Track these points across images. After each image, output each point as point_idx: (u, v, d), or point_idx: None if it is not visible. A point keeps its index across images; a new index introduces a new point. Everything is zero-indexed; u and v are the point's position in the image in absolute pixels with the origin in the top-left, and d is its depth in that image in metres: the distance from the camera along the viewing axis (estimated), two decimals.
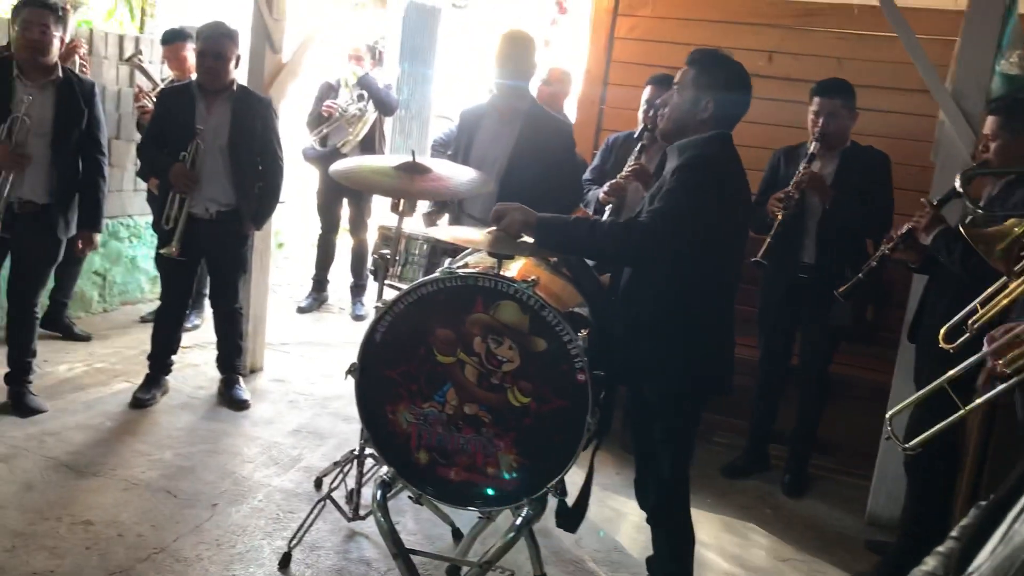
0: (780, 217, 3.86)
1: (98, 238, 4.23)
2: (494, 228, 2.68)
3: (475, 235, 2.89)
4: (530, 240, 2.67)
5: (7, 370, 4.15)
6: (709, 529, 3.78)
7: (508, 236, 2.65)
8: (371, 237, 6.21)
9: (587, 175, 4.31)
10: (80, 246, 4.15)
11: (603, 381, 2.66)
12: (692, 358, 2.67)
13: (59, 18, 3.88)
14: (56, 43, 3.86)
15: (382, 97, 6.01)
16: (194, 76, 5.24)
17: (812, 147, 3.93)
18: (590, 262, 2.98)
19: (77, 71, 4.40)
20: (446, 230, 3.33)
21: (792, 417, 4.31)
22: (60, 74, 3.88)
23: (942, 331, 2.68)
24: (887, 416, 2.84)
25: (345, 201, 6.27)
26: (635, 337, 2.71)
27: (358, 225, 6.31)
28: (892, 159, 4.04)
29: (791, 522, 3.97)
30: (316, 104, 6.11)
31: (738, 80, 2.69)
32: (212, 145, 4.18)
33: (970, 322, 2.57)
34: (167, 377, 4.53)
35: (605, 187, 3.93)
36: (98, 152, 4.06)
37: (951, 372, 2.48)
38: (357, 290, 6.43)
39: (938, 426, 2.53)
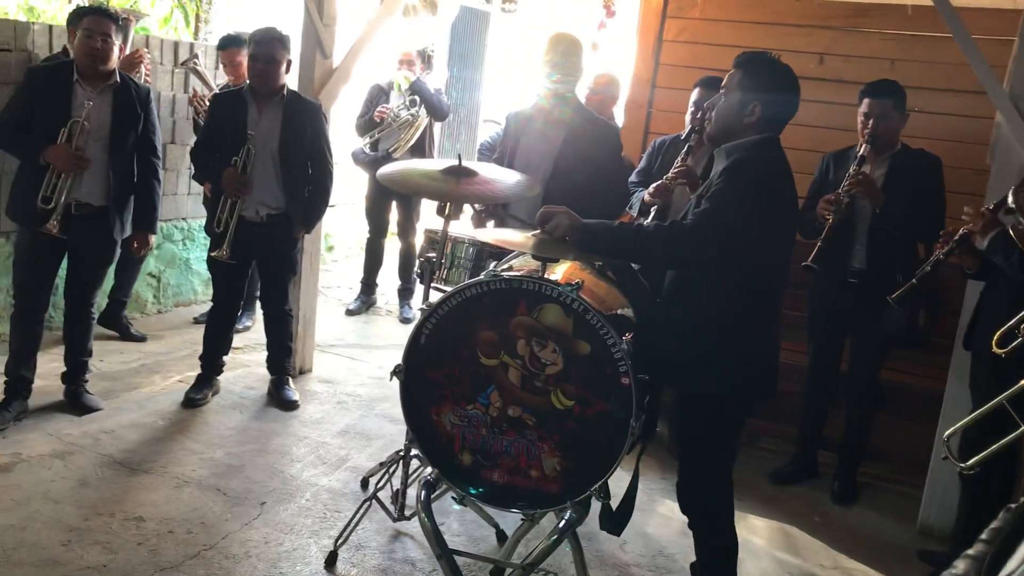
0: (830, 221, 3.81)
1: (153, 239, 4.31)
2: (539, 231, 2.68)
3: (520, 238, 2.90)
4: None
5: (64, 369, 4.25)
6: (756, 536, 3.74)
7: (553, 239, 2.66)
8: (419, 241, 6.27)
9: (633, 177, 4.30)
10: (135, 246, 4.24)
11: (648, 385, 2.66)
12: (735, 360, 2.65)
13: (119, 27, 3.99)
14: (116, 51, 3.96)
15: (435, 103, 6.05)
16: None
17: (862, 149, 3.87)
18: (635, 265, 2.97)
19: (141, 81, 4.50)
20: (491, 233, 3.34)
21: (841, 423, 4.24)
22: (118, 79, 3.97)
23: (996, 336, 2.63)
24: (943, 436, 2.78)
25: (394, 205, 6.33)
26: (678, 338, 2.70)
27: (406, 229, 6.36)
28: (946, 162, 3.97)
29: (840, 530, 3.91)
30: (366, 107, 6.17)
31: (786, 82, 2.67)
32: (263, 149, 4.25)
33: (1023, 327, 2.52)
34: (218, 377, 4.61)
35: (651, 188, 3.92)
36: (153, 156, 4.15)
37: (1010, 391, 2.43)
38: (405, 293, 6.49)
39: (997, 445, 2.48)
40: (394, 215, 6.42)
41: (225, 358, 4.62)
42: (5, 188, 4.62)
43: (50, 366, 4.35)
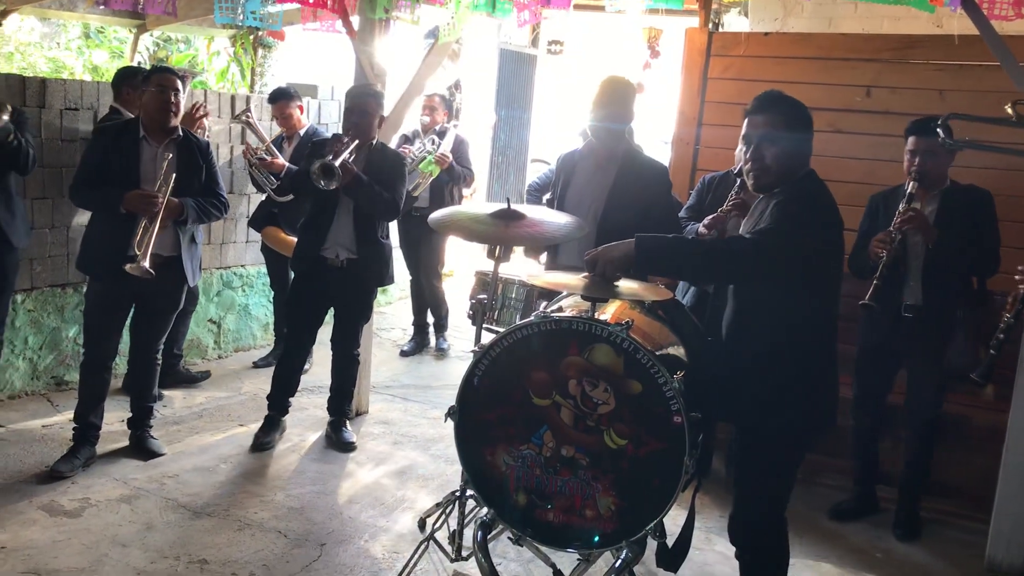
0: (884, 259, 3.79)
1: (175, 206, 4.03)
2: (589, 275, 2.71)
3: (571, 279, 2.95)
4: (623, 283, 2.69)
5: (130, 414, 4.38)
6: (816, 573, 3.69)
7: (603, 279, 2.68)
8: (460, 281, 6.34)
9: (682, 213, 4.33)
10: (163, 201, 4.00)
11: (700, 423, 2.66)
12: (799, 397, 2.65)
13: (184, 83, 4.16)
14: (182, 105, 4.13)
15: (456, 174, 6.20)
16: (302, 132, 5.55)
17: (910, 187, 3.85)
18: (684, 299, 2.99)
19: (205, 135, 4.65)
20: (542, 275, 3.39)
21: (901, 458, 4.18)
22: (180, 133, 4.13)
23: None
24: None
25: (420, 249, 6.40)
26: (741, 377, 2.70)
27: (430, 273, 6.44)
28: (998, 192, 3.93)
29: (903, 567, 3.83)
30: None
31: (809, 118, 2.71)
32: (345, 199, 4.38)
33: None
34: (284, 418, 4.72)
35: (706, 220, 3.94)
36: (217, 198, 4.27)
37: None
38: (439, 327, 6.63)
39: None
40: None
41: (291, 399, 4.72)
42: (75, 243, 4.81)
43: (114, 412, 4.47)
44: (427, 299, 6.54)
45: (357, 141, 4.31)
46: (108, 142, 4.07)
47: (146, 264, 3.82)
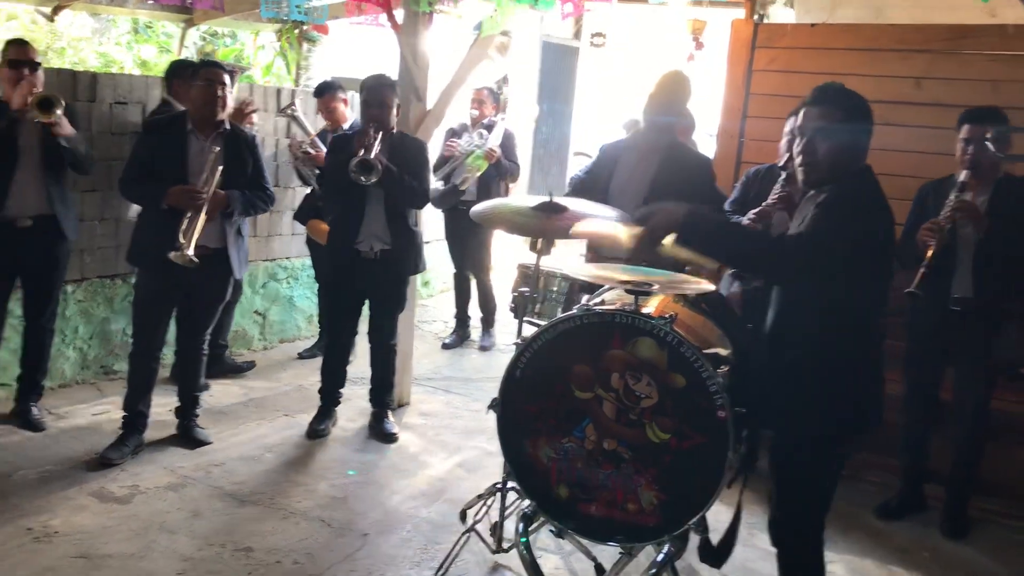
0: (933, 247, 3.72)
1: (221, 198, 4.08)
2: (638, 229, 2.66)
3: (613, 272, 2.93)
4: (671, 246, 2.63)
5: (177, 404, 4.46)
6: (859, 571, 3.64)
7: (651, 238, 2.61)
8: (502, 275, 6.35)
9: (726, 206, 4.29)
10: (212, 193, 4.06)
11: (745, 418, 2.64)
12: (843, 399, 2.59)
13: (232, 78, 4.20)
14: (230, 100, 4.17)
15: (504, 169, 6.21)
16: (346, 125, 5.56)
17: (963, 176, 3.78)
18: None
19: (252, 130, 4.71)
20: (584, 267, 3.38)
21: (949, 456, 4.10)
22: (227, 127, 4.18)
23: None
24: None
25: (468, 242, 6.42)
26: (784, 379, 2.64)
27: (478, 267, 6.46)
28: None
29: (951, 567, 3.77)
30: (443, 150, 6.32)
31: (868, 109, 2.63)
32: (375, 191, 4.39)
33: None
34: (336, 408, 4.78)
35: (751, 214, 3.90)
36: (264, 191, 4.33)
37: None
38: (486, 323, 6.64)
39: None
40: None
41: (342, 390, 4.77)
42: (123, 235, 4.89)
43: (162, 401, 4.55)
44: (476, 294, 6.55)
45: (381, 132, 4.32)
46: (156, 136, 4.13)
47: (190, 253, 3.88)
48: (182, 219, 3.96)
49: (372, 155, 4.14)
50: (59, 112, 3.98)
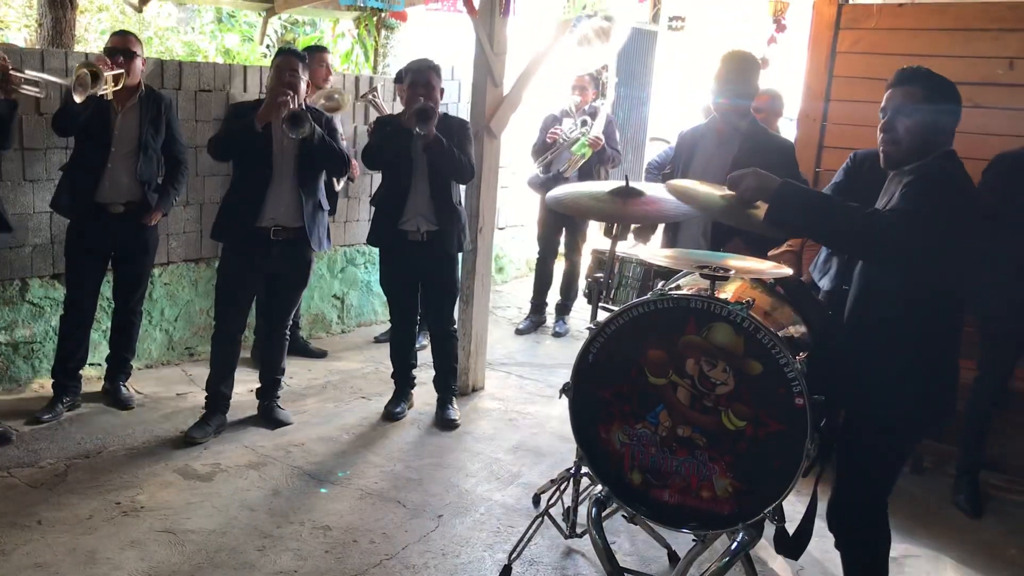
0: None
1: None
2: (729, 193, 2.65)
3: (690, 257, 2.90)
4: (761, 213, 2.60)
5: (258, 385, 4.57)
6: (934, 567, 3.53)
7: (742, 202, 2.62)
8: (586, 261, 6.33)
9: (826, 190, 4.15)
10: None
11: (823, 406, 2.59)
12: (917, 386, 2.54)
13: (306, 65, 4.26)
14: (303, 85, 4.22)
15: (607, 156, 6.22)
16: None
17: None
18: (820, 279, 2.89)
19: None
20: (660, 252, 3.35)
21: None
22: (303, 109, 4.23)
23: None
24: None
25: (563, 226, 6.42)
26: (861, 364, 2.61)
27: (572, 249, 6.47)
28: None
29: None
30: (541, 135, 6.33)
31: (956, 92, 2.55)
32: (421, 168, 4.42)
33: None
34: (412, 391, 4.84)
35: None
36: (339, 147, 4.35)
37: None
38: (562, 309, 6.63)
39: None
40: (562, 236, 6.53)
41: (415, 372, 4.83)
42: (207, 219, 5.03)
43: (243, 382, 4.67)
44: (564, 278, 6.57)
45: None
46: (242, 116, 4.18)
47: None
48: (267, 193, 4.09)
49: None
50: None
